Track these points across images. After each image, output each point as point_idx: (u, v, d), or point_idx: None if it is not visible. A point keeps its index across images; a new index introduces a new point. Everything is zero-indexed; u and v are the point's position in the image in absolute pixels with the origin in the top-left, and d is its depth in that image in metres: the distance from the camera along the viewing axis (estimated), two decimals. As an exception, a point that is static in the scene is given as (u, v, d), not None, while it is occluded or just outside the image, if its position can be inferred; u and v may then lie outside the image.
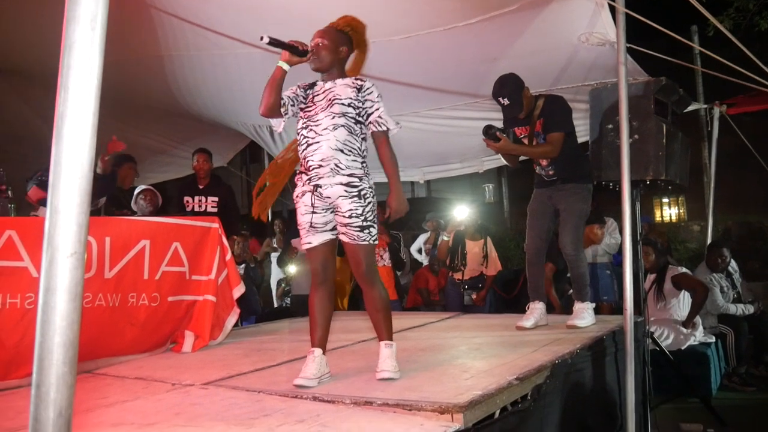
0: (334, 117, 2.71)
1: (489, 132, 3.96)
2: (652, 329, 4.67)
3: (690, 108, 5.69)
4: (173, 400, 2.52)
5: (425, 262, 8.03)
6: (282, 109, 2.79)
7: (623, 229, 3.69)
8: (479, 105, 5.88)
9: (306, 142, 2.75)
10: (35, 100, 5.94)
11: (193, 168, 5.77)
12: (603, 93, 4.29)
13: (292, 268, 6.63)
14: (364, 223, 2.67)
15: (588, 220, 4.33)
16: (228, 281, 4.00)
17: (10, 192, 3.89)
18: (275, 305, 7.79)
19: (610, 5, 3.92)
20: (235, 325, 4.16)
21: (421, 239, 8.45)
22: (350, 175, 2.67)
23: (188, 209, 5.38)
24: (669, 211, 20.28)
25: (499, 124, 4.09)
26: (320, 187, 2.69)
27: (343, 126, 2.70)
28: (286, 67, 2.76)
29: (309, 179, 2.73)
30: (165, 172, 8.76)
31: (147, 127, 7.44)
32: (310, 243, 2.78)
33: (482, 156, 7.35)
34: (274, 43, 2.67)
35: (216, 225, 3.97)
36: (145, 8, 4.31)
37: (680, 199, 19.56)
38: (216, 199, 5.51)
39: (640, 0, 4.22)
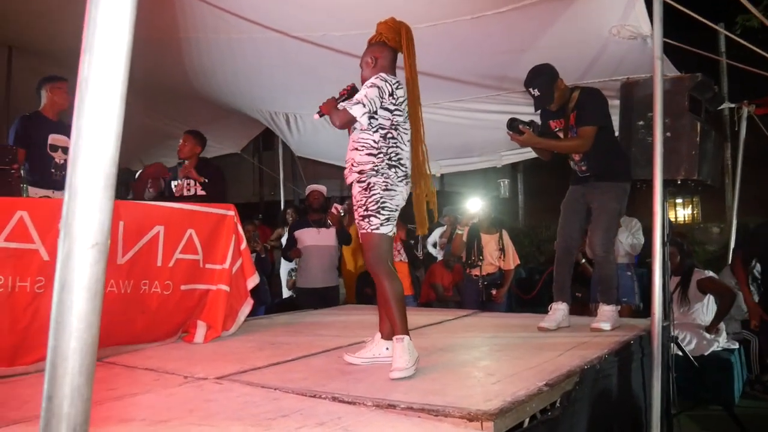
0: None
1: (513, 125, 3.84)
2: (674, 333, 4.53)
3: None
4: (186, 395, 2.42)
5: (439, 257, 7.89)
6: None
7: (654, 231, 3.53)
8: (502, 98, 5.74)
9: None
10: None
11: None
12: (635, 88, 4.14)
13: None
14: (365, 213, 2.79)
15: None
16: (242, 271, 3.90)
17: (23, 171, 3.77)
18: (284, 296, 7.68)
19: None
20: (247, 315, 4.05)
21: (437, 233, 8.29)
22: (360, 172, 2.81)
23: (177, 194, 5.20)
24: (683, 212, 20.03)
25: (524, 117, 3.95)
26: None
27: (357, 126, 2.84)
28: None
29: None
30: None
31: (160, 110, 7.34)
32: None
33: (502, 150, 7.21)
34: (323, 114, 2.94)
35: (232, 213, 3.86)
36: (165, -12, 4.20)
37: (695, 199, 19.31)
38: (205, 181, 5.30)
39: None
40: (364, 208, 2.78)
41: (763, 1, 8.83)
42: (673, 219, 19.43)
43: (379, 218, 2.77)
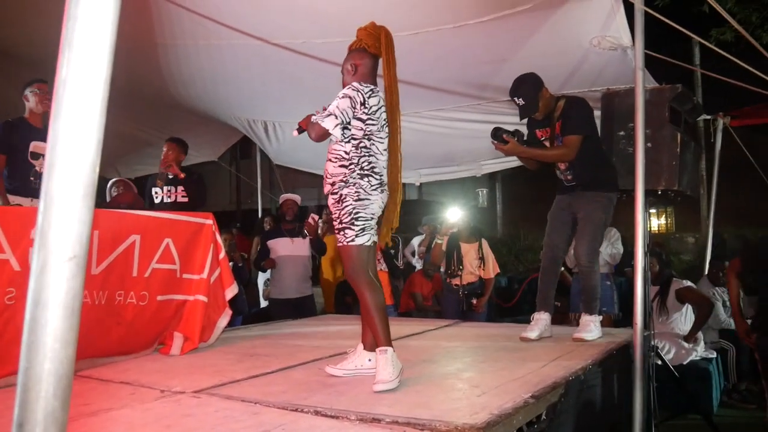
0: None
1: (497, 134, 3.81)
2: (653, 343, 4.53)
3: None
4: (163, 410, 2.34)
5: (418, 266, 7.85)
6: None
7: (636, 241, 3.54)
8: (483, 107, 5.73)
9: None
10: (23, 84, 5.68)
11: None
12: (615, 99, 4.16)
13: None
14: (340, 225, 2.78)
15: None
16: (221, 281, 3.81)
17: (-8, 178, 3.66)
18: (261, 305, 7.58)
19: (625, 2, 3.79)
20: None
21: (415, 242, 8.26)
22: (332, 184, 2.79)
23: (157, 200, 5.10)
24: (657, 222, 20.25)
25: (507, 127, 3.94)
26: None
27: (331, 138, 2.80)
28: None
29: None
30: (154, 165, 8.51)
31: (138, 118, 7.21)
32: None
33: (481, 159, 7.21)
34: (302, 130, 2.91)
35: (210, 221, 3.78)
36: (143, -7, 4.12)
37: (668, 209, 19.54)
38: (186, 178, 5.20)
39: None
40: (338, 221, 2.78)
41: (736, 15, 9.00)
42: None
43: (353, 230, 2.73)
